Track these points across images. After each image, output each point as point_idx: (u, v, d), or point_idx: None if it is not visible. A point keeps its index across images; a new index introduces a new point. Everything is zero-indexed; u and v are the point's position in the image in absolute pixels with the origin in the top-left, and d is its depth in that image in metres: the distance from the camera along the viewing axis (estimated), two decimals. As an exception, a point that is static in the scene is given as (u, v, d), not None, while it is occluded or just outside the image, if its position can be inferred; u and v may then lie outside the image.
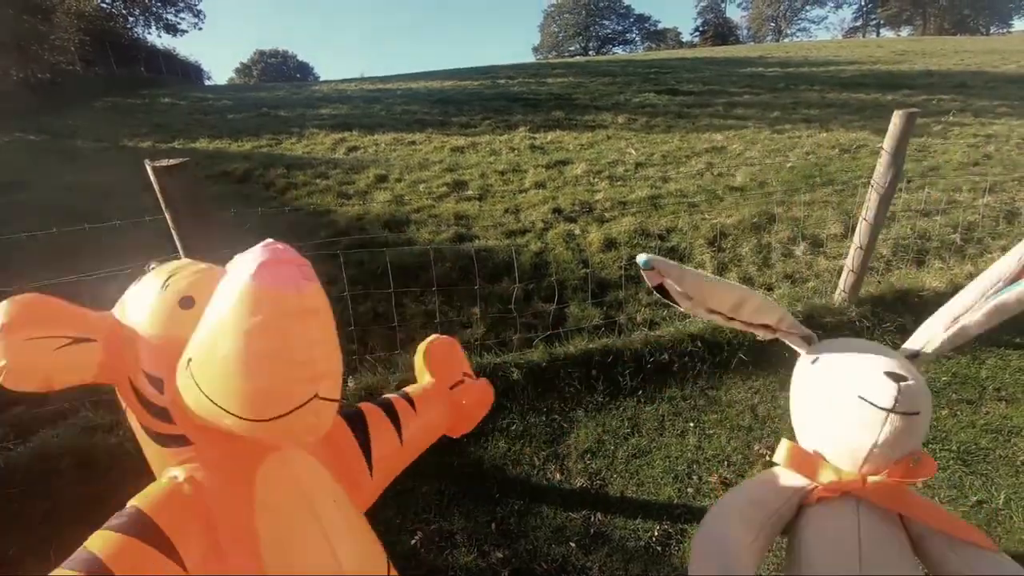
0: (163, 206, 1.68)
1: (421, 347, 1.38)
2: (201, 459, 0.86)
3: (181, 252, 1.76)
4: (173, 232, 1.74)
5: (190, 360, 0.75)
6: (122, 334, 0.88)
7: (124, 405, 0.91)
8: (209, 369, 0.72)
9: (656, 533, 1.87)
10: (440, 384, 1.33)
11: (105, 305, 0.94)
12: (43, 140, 7.79)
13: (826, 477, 1.05)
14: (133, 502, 0.82)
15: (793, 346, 1.29)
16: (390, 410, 1.19)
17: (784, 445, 1.15)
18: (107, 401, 2.43)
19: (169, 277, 0.89)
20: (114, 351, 0.87)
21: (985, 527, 1.84)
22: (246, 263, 0.70)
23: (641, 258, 1.14)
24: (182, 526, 0.80)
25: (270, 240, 0.74)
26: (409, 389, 1.29)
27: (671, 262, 1.15)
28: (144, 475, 1.46)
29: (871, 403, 0.97)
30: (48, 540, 1.78)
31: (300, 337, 0.71)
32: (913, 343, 1.19)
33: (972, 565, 0.94)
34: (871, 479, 1.01)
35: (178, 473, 0.86)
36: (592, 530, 1.89)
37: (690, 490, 2.04)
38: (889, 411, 0.95)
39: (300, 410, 0.71)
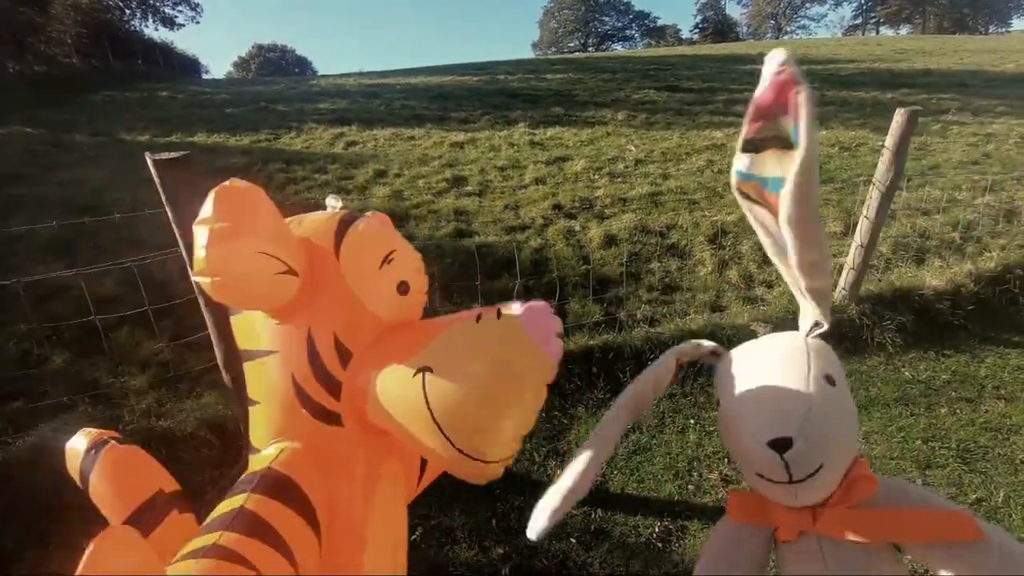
0: (163, 200, 1.67)
1: None
2: (340, 444, 0.81)
3: (182, 247, 1.76)
4: (174, 226, 1.73)
5: (425, 369, 0.71)
6: (326, 279, 0.80)
7: (274, 348, 0.81)
8: (449, 387, 0.69)
9: (657, 530, 1.87)
10: None
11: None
12: (40, 133, 7.73)
13: (777, 520, 0.99)
14: (276, 466, 0.77)
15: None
16: None
17: (731, 497, 1.10)
18: (106, 396, 2.43)
19: (391, 253, 0.86)
20: (309, 296, 0.79)
21: (984, 525, 1.85)
22: (519, 308, 0.74)
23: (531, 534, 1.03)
24: (316, 492, 0.77)
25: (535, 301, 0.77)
26: None
27: (547, 504, 1.01)
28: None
29: (770, 480, 0.90)
30: (47, 534, 1.77)
31: (535, 394, 0.72)
32: (805, 318, 1.09)
33: (956, 564, 0.86)
34: (820, 512, 0.94)
35: (296, 446, 0.81)
36: (592, 526, 1.89)
37: (691, 487, 2.04)
38: (788, 484, 0.88)
39: (494, 464, 0.71)
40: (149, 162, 1.62)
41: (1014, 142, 6.65)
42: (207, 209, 0.73)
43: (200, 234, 0.72)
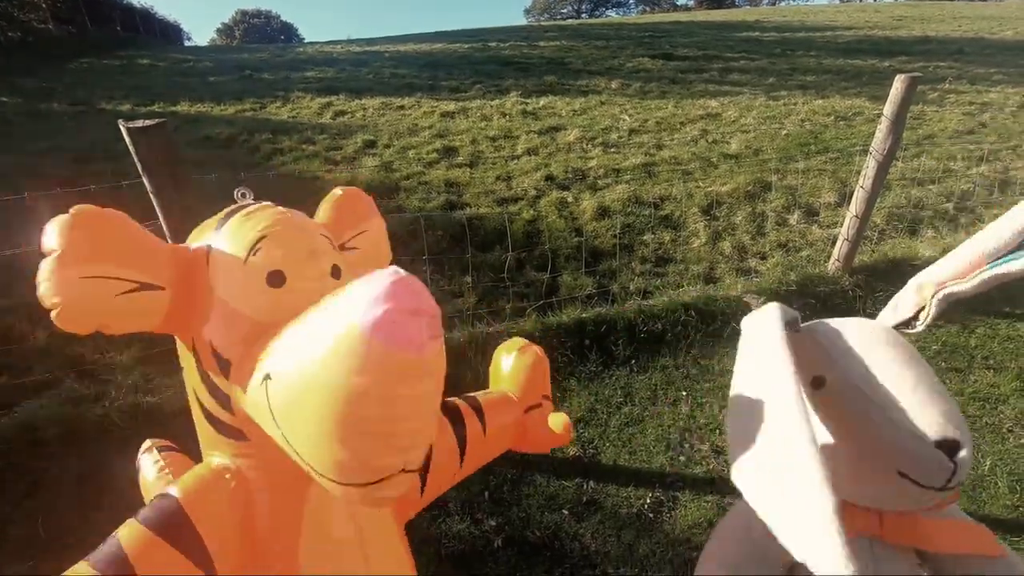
0: (140, 169, 1.61)
1: (507, 351, 1.22)
2: (254, 458, 0.77)
3: (162, 219, 1.70)
4: (153, 198, 1.67)
5: (268, 377, 0.63)
6: (197, 285, 0.75)
7: (181, 364, 0.80)
8: (290, 409, 0.61)
9: (648, 501, 1.88)
10: (520, 402, 1.17)
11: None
12: (16, 102, 7.49)
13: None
14: (174, 491, 0.74)
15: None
16: (459, 428, 1.05)
17: None
18: (92, 371, 2.39)
19: (259, 240, 0.75)
20: (184, 303, 0.75)
21: (971, 492, 1.87)
22: (366, 302, 0.55)
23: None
24: (219, 529, 0.73)
25: (399, 272, 0.58)
26: (484, 400, 1.14)
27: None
28: (130, 447, 1.43)
29: (916, 483, 0.79)
30: (34, 512, 1.76)
31: (408, 406, 0.59)
32: (902, 311, 1.01)
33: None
34: (887, 516, 0.89)
35: (226, 463, 0.78)
36: (584, 498, 1.90)
37: (682, 458, 2.05)
38: (939, 490, 0.79)
39: (381, 483, 0.61)
40: (123, 130, 1.55)
41: (1010, 111, 6.59)
42: (48, 239, 0.68)
43: (41, 266, 0.68)
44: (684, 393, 2.37)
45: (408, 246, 3.47)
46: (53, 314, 0.68)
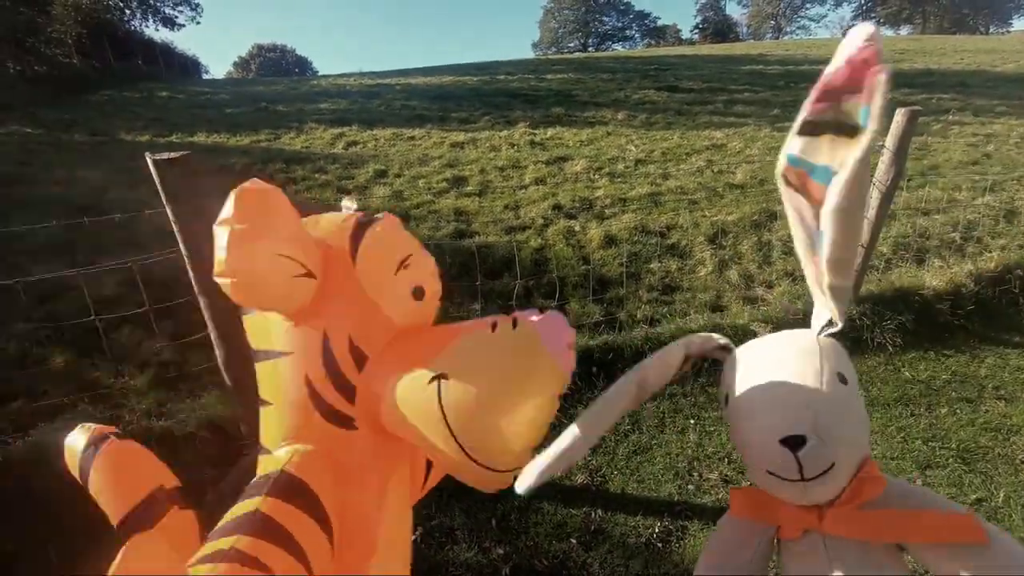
0: (164, 199, 1.67)
1: None
2: (356, 446, 0.81)
3: (182, 247, 1.76)
4: (174, 226, 1.73)
5: (440, 376, 0.71)
6: (340, 281, 0.80)
7: (288, 350, 0.81)
8: (464, 395, 0.70)
9: (657, 530, 1.87)
10: None
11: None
12: (40, 133, 7.73)
13: (782, 518, 0.97)
14: (290, 468, 0.77)
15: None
16: None
17: (734, 494, 1.07)
18: (106, 395, 2.42)
19: (408, 256, 0.86)
20: (325, 298, 0.79)
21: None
22: (531, 316, 0.76)
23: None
24: (329, 498, 0.77)
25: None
26: None
27: (537, 464, 0.96)
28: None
29: (781, 478, 0.89)
30: (46, 535, 1.77)
31: (547, 405, 0.74)
32: (820, 317, 1.05)
33: (958, 565, 0.83)
34: (826, 511, 0.92)
35: (308, 449, 0.80)
36: (592, 527, 1.89)
37: (691, 487, 2.04)
38: (800, 481, 0.87)
39: (505, 473, 0.74)
40: (149, 162, 1.62)
41: (1014, 142, 6.65)
42: (228, 210, 0.73)
43: (221, 235, 0.72)
44: (692, 421, 2.37)
45: (418, 273, 3.52)
46: (231, 282, 0.72)
